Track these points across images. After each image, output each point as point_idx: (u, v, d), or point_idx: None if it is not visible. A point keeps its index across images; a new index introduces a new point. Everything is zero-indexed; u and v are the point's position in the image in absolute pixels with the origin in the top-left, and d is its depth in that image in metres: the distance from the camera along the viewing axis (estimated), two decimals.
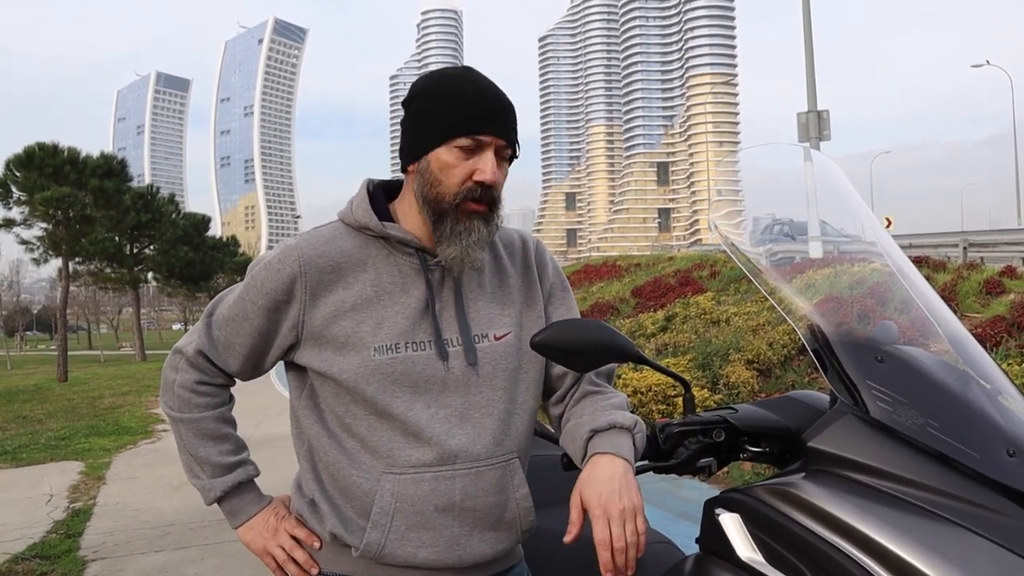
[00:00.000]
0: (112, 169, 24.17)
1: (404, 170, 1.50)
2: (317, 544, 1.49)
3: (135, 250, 32.21)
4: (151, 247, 33.54)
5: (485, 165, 1.41)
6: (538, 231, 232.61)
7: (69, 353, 24.80)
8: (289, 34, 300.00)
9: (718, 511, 1.40)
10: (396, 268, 1.46)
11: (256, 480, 1.59)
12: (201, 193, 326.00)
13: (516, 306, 1.55)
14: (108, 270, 30.41)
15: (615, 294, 16.31)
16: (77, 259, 25.95)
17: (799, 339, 1.64)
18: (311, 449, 1.49)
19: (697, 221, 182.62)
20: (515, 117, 1.48)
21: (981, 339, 7.46)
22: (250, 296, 1.47)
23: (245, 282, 1.50)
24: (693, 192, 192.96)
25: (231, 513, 1.55)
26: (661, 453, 1.50)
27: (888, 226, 32.57)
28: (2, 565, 5.00)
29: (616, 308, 14.59)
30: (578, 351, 1.42)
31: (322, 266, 1.44)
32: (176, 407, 1.53)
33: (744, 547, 1.34)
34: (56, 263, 24.51)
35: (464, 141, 1.40)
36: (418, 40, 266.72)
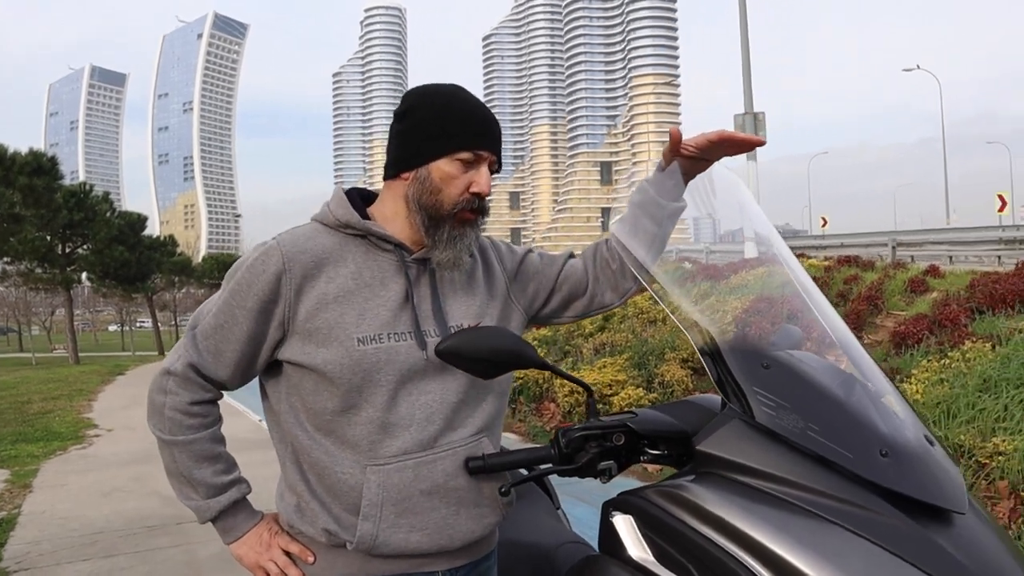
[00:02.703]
0: (42, 166, 23.40)
1: (394, 176, 1.57)
2: (311, 559, 1.53)
3: (67, 250, 31.30)
4: (84, 247, 32.61)
5: (482, 179, 1.53)
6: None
7: None
8: (229, 29, 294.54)
9: (612, 512, 1.45)
10: (375, 263, 1.53)
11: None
12: (139, 191, 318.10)
13: (481, 297, 1.64)
14: (39, 270, 29.51)
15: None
16: (5, 259, 25.12)
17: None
18: (295, 451, 1.53)
19: None
20: (500, 132, 1.59)
21: (904, 336, 7.72)
22: (237, 301, 1.50)
23: (229, 288, 1.52)
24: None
25: (225, 530, 1.59)
26: (563, 457, 1.53)
27: (824, 226, 33.41)
28: None
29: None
30: (482, 359, 1.46)
31: (305, 261, 1.49)
32: (168, 430, 1.53)
33: (635, 547, 1.39)
34: None
35: (466, 155, 1.51)
36: (361, 38, 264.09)
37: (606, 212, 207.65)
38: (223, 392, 1.60)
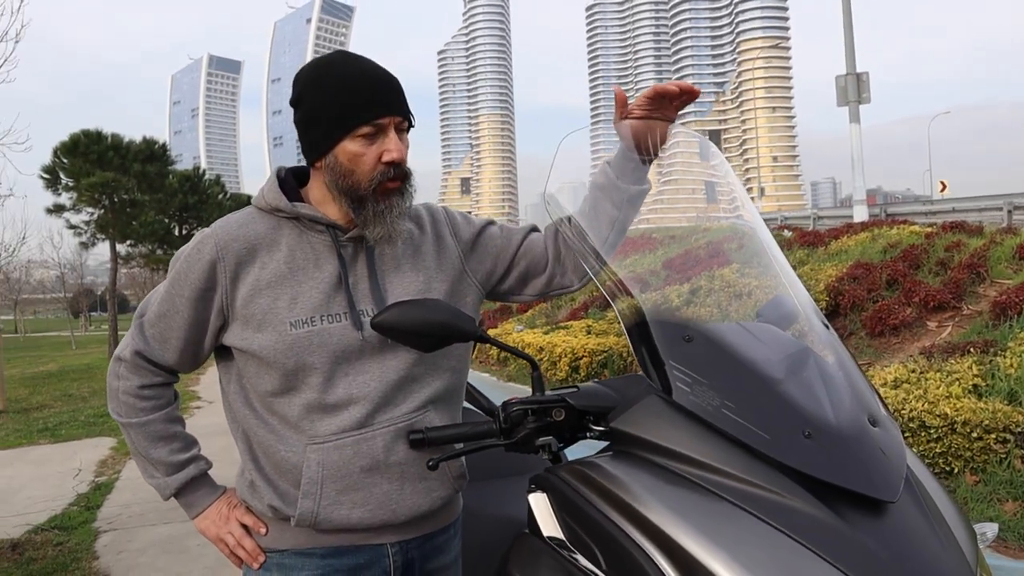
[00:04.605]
0: (154, 153, 24.76)
1: (311, 164, 1.57)
2: (263, 530, 1.58)
3: (184, 231, 32.86)
4: (199, 228, 34.12)
5: (391, 145, 1.48)
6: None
7: None
8: (336, 12, 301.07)
9: (532, 489, 1.42)
10: (309, 245, 1.54)
11: (210, 472, 1.68)
12: (256, 173, 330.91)
13: (428, 272, 1.61)
14: (159, 252, 31.13)
15: (647, 267, 16.17)
16: (129, 242, 26.62)
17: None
18: (245, 432, 1.59)
19: (750, 189, 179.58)
20: (402, 89, 1.54)
21: (1006, 306, 7.24)
22: (176, 290, 1.55)
23: (169, 278, 1.58)
24: (746, 160, 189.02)
25: (187, 506, 1.66)
26: (503, 431, 1.52)
27: (943, 190, 31.57)
28: (22, 535, 5.26)
29: (646, 281, 14.48)
30: (419, 332, 1.44)
31: (237, 249, 1.52)
32: (124, 413, 1.61)
33: (549, 527, 1.36)
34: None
35: (366, 129, 1.47)
36: (465, 13, 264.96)
37: (710, 185, 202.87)
38: (177, 375, 1.66)
